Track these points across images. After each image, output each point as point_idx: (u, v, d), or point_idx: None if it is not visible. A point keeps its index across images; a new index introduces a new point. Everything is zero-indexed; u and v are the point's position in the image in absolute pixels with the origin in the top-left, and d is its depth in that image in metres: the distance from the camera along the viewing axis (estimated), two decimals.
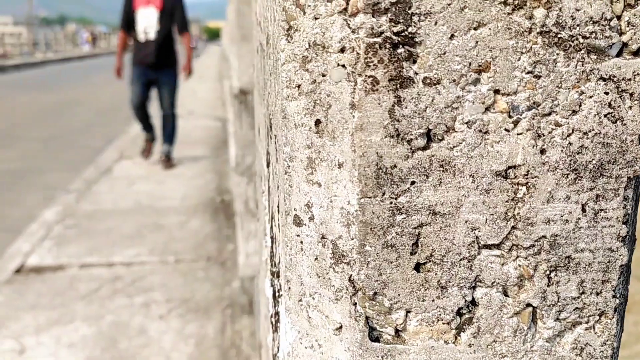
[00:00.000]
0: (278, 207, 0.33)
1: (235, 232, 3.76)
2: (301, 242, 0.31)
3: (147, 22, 5.34)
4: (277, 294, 0.36)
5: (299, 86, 0.29)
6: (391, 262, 0.31)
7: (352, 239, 0.30)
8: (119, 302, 2.99)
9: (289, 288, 0.32)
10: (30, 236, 3.87)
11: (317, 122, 0.30)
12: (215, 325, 2.76)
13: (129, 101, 5.63)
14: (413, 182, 0.31)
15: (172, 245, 3.69)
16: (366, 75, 0.28)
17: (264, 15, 0.37)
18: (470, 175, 0.32)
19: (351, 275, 0.31)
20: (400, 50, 0.29)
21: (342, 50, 0.29)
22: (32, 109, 11.19)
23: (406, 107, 0.30)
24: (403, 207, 0.31)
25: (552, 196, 0.33)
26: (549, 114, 0.32)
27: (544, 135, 0.32)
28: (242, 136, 2.32)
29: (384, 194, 0.30)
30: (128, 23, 5.50)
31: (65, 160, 6.77)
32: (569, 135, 0.33)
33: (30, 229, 4.02)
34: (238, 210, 2.46)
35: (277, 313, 0.35)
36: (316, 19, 0.28)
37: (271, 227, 0.38)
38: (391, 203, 0.31)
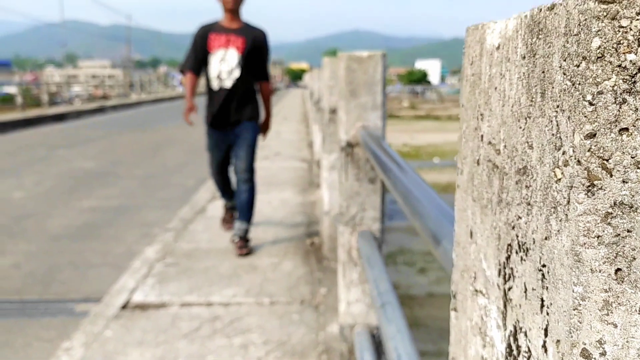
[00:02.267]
0: (545, 331, 0.36)
1: (336, 278, 3.80)
2: None
3: (225, 67, 4.23)
4: None
5: (598, 237, 0.32)
6: None
7: None
8: (219, 342, 3.07)
9: None
10: (134, 273, 4.06)
11: (618, 270, 0.33)
12: None
13: (208, 165, 4.69)
14: None
15: (267, 287, 3.77)
16: None
17: (510, 144, 0.40)
18: None
19: None
20: None
21: None
22: (129, 148, 11.86)
23: None
24: None
25: None
26: None
27: None
28: (347, 187, 2.37)
29: None
30: (196, 62, 4.34)
31: (160, 199, 7.11)
32: None
33: (134, 266, 4.23)
34: (341, 258, 2.49)
35: None
36: (625, 182, 0.31)
37: (514, 338, 0.40)
38: None
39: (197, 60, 4.33)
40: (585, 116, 0.31)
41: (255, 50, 4.31)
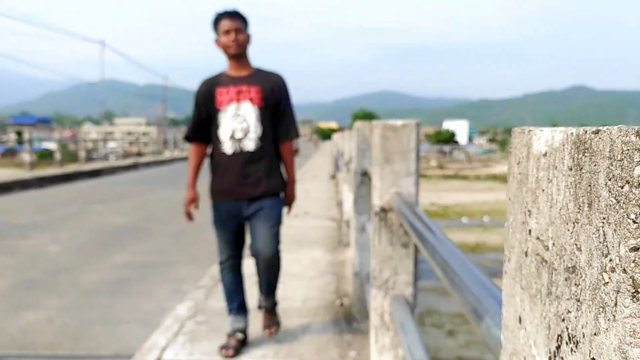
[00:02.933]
0: None
1: (365, 341, 3.77)
2: None
3: (240, 125, 3.31)
4: None
5: None
6: None
7: None
8: None
9: None
10: (165, 330, 4.08)
11: None
12: None
13: (217, 253, 3.63)
14: None
15: (297, 348, 3.75)
16: None
17: (559, 244, 0.45)
18: None
19: None
20: None
21: None
22: (161, 204, 12.06)
23: None
24: None
25: None
26: None
27: None
28: (380, 251, 2.39)
29: None
30: (202, 128, 3.46)
31: (191, 255, 7.18)
32: None
33: (165, 323, 4.26)
34: (373, 322, 2.49)
35: None
36: None
37: None
38: None
39: (202, 124, 3.44)
40: (629, 232, 0.36)
41: (276, 100, 3.41)
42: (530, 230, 0.49)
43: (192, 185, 3.62)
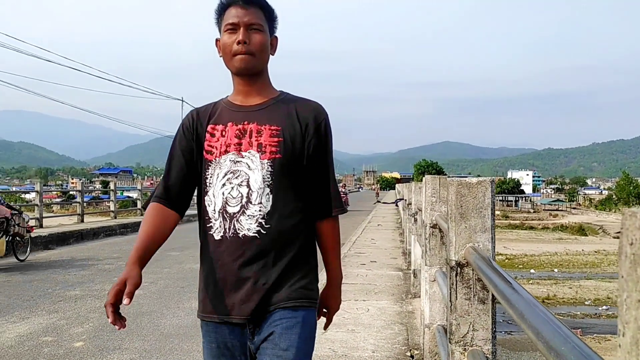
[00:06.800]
0: None
1: None
2: None
3: (236, 191, 1.83)
4: None
5: None
6: None
7: None
8: None
9: None
10: None
11: None
12: None
13: None
14: None
15: None
16: None
17: None
18: None
19: None
20: None
21: None
22: None
23: None
24: None
25: None
26: None
27: None
28: (457, 306, 2.36)
29: None
30: (179, 188, 1.94)
31: None
32: None
33: None
34: None
35: None
36: None
37: None
38: None
39: (180, 180, 1.95)
40: None
41: (307, 146, 1.89)
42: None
43: (134, 261, 1.90)
